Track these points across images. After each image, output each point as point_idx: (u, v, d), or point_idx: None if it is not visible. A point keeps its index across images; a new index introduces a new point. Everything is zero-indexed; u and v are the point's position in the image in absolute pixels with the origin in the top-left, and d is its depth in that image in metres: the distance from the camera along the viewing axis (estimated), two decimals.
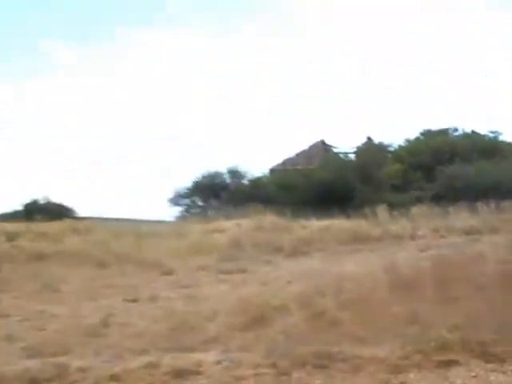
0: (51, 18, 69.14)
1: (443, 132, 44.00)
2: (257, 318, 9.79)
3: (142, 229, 26.30)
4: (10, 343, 9.04)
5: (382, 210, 24.14)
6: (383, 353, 7.79)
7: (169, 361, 7.80)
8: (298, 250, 19.93)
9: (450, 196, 30.16)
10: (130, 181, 55.05)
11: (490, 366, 7.36)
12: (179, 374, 7.47)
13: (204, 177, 43.56)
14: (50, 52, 73.62)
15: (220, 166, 44.08)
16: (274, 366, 7.65)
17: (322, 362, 7.70)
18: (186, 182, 44.34)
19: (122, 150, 64.30)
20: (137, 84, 67.30)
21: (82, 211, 41.91)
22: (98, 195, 50.38)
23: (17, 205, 42.50)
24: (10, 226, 26.61)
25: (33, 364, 7.71)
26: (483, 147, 39.47)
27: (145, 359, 7.87)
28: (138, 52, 70.67)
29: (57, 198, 44.29)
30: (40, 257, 20.61)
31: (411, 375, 7.26)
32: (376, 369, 7.45)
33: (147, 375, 7.44)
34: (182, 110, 65.11)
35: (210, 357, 8.05)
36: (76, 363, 7.74)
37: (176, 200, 44.39)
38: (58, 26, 69.86)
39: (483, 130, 43.66)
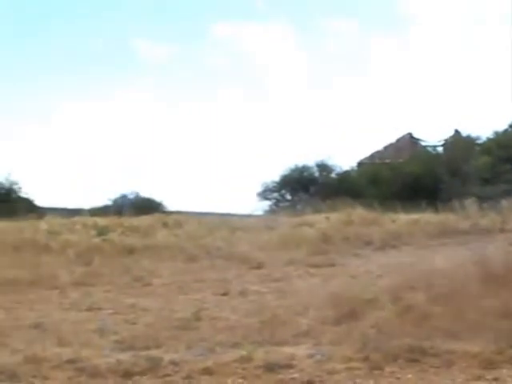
0: (141, 17, 70.35)
1: None
2: (348, 312, 9.78)
3: (232, 223, 26.49)
4: (102, 336, 9.21)
5: (470, 204, 23.80)
6: (476, 348, 7.69)
7: (261, 354, 7.84)
8: (387, 243, 19.78)
9: None
10: (218, 174, 55.38)
11: None
12: (271, 367, 7.49)
13: (292, 170, 43.64)
14: (140, 51, 74.72)
15: (308, 159, 44.01)
16: (366, 359, 7.63)
17: (414, 357, 7.65)
18: (274, 175, 44.48)
19: (210, 143, 64.68)
20: (226, 78, 67.48)
21: (171, 205, 42.50)
22: (186, 189, 50.88)
23: (106, 199, 43.36)
24: (101, 221, 27.18)
25: (125, 357, 7.85)
26: None
27: (237, 353, 7.93)
28: (227, 48, 71.06)
29: (146, 193, 44.99)
30: (130, 251, 20.97)
31: (504, 371, 7.16)
32: (469, 364, 7.38)
33: (240, 369, 7.50)
34: (270, 104, 65.02)
35: (301, 350, 8.07)
36: (168, 357, 7.85)
37: (265, 194, 44.62)
38: (147, 24, 70.91)
39: None
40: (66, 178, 61.29)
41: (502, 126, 43.75)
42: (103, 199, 43.13)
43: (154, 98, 66.29)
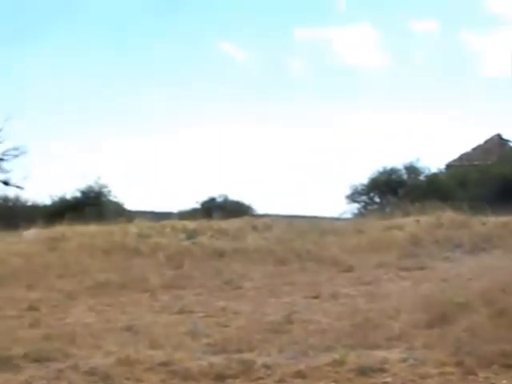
0: (226, 21, 71.17)
1: None
2: (439, 316, 9.72)
3: (321, 225, 26.45)
4: (194, 339, 9.31)
5: None
6: None
7: (353, 358, 7.81)
8: (477, 246, 19.41)
9: None
10: (306, 177, 55.38)
11: None
12: (364, 371, 7.46)
13: (381, 173, 43.46)
14: (227, 54, 75.60)
15: (396, 162, 43.76)
16: (459, 364, 7.54)
17: (509, 362, 7.53)
18: (362, 178, 44.39)
19: (298, 145, 64.80)
20: (306, 79, 67.48)
21: (259, 208, 42.67)
22: (274, 192, 51.01)
23: (194, 203, 43.81)
24: (190, 224, 27.47)
25: (218, 360, 7.92)
26: None
27: (329, 356, 7.92)
28: (310, 52, 71.13)
29: (234, 195, 45.30)
30: (220, 254, 21.12)
31: None
32: None
33: (332, 372, 7.48)
34: (356, 106, 64.64)
35: (394, 354, 8.01)
36: (261, 360, 7.89)
37: (353, 196, 44.57)
38: (232, 29, 71.65)
39: None
40: (154, 182, 62.10)
41: None
42: (191, 202, 43.59)
43: (240, 101, 66.67)
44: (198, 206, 43.43)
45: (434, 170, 44.14)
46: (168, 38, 72.23)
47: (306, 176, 52.17)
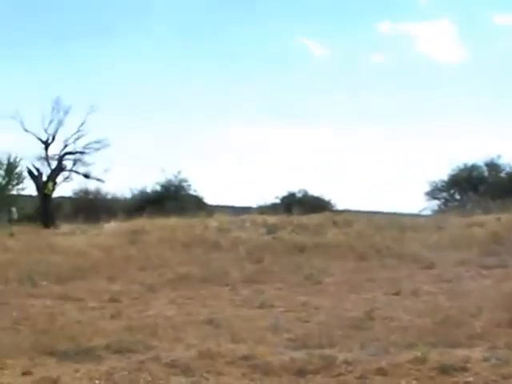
0: (307, 16, 71.14)
1: None
2: None
3: (401, 222, 26.26)
4: (275, 334, 9.30)
5: None
6: None
7: (435, 356, 7.68)
8: None
9: None
10: (385, 173, 54.93)
11: None
12: (446, 369, 7.32)
13: (461, 170, 42.90)
14: (305, 49, 75.56)
15: (477, 158, 43.05)
16: None
17: None
18: (442, 174, 43.90)
19: (378, 140, 64.25)
20: (386, 74, 66.91)
21: (339, 204, 42.57)
22: (354, 187, 50.77)
23: (274, 198, 43.89)
24: (270, 219, 27.53)
25: (299, 355, 7.88)
26: None
27: (411, 354, 7.80)
28: (391, 47, 70.38)
29: (314, 191, 45.25)
30: (301, 249, 21.12)
31: None
32: None
33: (414, 370, 7.37)
34: (436, 101, 63.71)
35: (476, 353, 7.85)
36: (342, 356, 7.81)
37: (433, 193, 44.12)
38: (312, 24, 71.58)
39: None
40: (233, 176, 62.42)
41: None
42: (271, 197, 43.68)
43: (318, 96, 66.53)
44: (277, 200, 43.51)
45: None
46: (245, 33, 72.48)
47: (386, 172, 51.69)
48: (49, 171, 41.01)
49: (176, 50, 74.69)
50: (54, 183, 40.61)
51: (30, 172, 41.22)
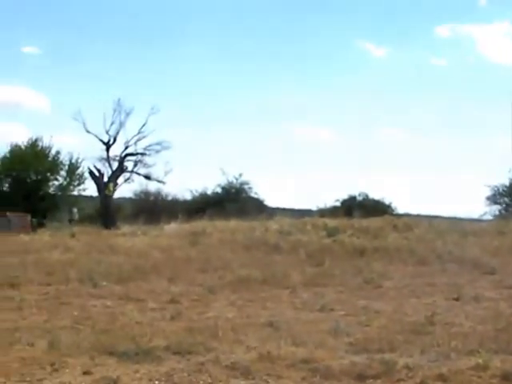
0: (365, 18, 71.15)
1: None
2: None
3: (461, 226, 26.06)
4: (335, 338, 9.27)
5: None
6: None
7: (497, 363, 7.59)
8: None
9: None
10: (446, 178, 54.37)
11: None
12: (507, 377, 7.24)
13: None
14: (363, 52, 75.50)
15: None
16: None
17: None
18: (504, 179, 43.47)
19: (437, 144, 63.70)
20: (446, 76, 66.35)
21: (399, 207, 42.35)
22: (414, 192, 50.47)
23: (335, 201, 43.85)
24: (330, 222, 27.52)
25: (359, 359, 7.84)
26: None
27: (472, 360, 7.72)
28: (451, 48, 69.70)
29: (374, 195, 45.12)
30: (361, 252, 21.07)
31: None
32: None
33: (475, 377, 7.28)
34: (496, 105, 62.82)
35: None
36: (402, 361, 7.75)
37: (494, 198, 43.70)
38: (370, 26, 71.48)
39: None
40: (294, 179, 62.50)
41: None
42: (331, 200, 43.66)
43: (376, 98, 66.27)
44: (337, 203, 43.48)
45: None
46: (306, 36, 72.59)
47: (447, 177, 51.14)
48: (110, 172, 41.59)
49: (238, 52, 75.15)
50: (115, 184, 41.16)
51: (91, 173, 41.82)
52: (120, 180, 42.39)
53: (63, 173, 44.56)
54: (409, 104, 65.53)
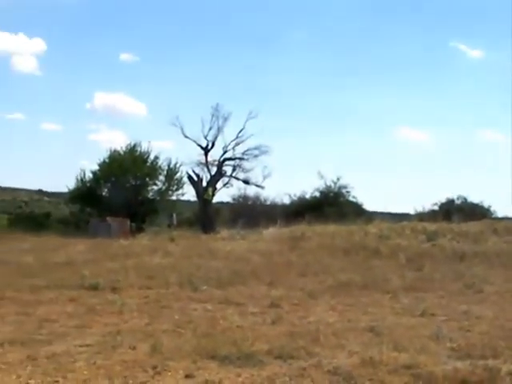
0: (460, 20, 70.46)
1: None
2: None
3: None
4: (437, 343, 9.19)
5: None
6: None
7: None
8: None
9: None
10: None
11: None
12: None
13: None
14: (459, 52, 74.68)
15: None
16: None
17: None
18: None
19: None
20: None
21: (499, 211, 41.61)
22: None
23: (433, 204, 43.39)
24: (429, 226, 27.25)
25: (462, 365, 7.76)
26: None
27: None
28: None
29: (473, 198, 44.44)
30: (461, 256, 20.83)
31: None
32: None
33: None
34: None
35: None
36: (506, 367, 7.65)
37: None
38: (465, 28, 70.69)
39: None
40: (392, 182, 62.04)
41: None
42: (429, 204, 43.22)
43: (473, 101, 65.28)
44: (436, 207, 42.99)
45: None
46: (398, 38, 72.12)
47: None
48: (208, 177, 42.09)
49: (336, 55, 75.20)
50: (214, 189, 41.60)
51: (189, 178, 42.42)
52: (219, 185, 42.88)
53: (162, 178, 45.32)
54: (507, 105, 64.13)
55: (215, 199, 43.78)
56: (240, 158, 42.95)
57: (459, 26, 73.75)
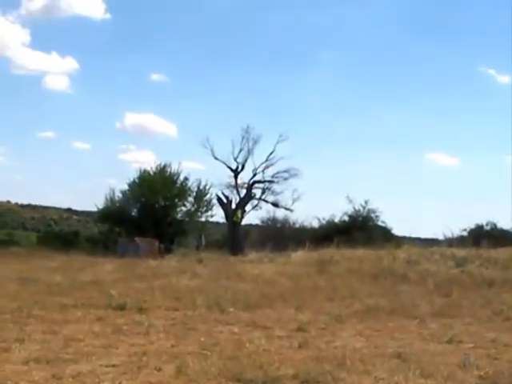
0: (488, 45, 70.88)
1: None
2: None
3: None
4: (464, 371, 9.09)
5: None
6: None
7: None
8: None
9: None
10: None
11: None
12: None
13: None
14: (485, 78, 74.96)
15: None
16: None
17: None
18: None
19: None
20: None
21: None
22: None
23: (462, 230, 43.17)
24: (459, 252, 27.07)
25: None
26: None
27: None
28: None
29: (503, 223, 44.17)
30: (489, 283, 20.66)
31: None
32: None
33: None
34: None
35: None
36: None
37: None
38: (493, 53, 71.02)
39: None
40: (420, 208, 61.82)
41: None
42: (458, 229, 43.01)
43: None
44: (465, 233, 42.77)
45: None
46: (426, 61, 72.39)
47: None
48: (237, 199, 42.17)
49: (364, 77, 75.37)
50: (243, 211, 41.67)
51: (219, 199, 42.54)
52: (248, 207, 42.97)
53: (191, 199, 45.47)
54: None
55: (244, 221, 43.88)
56: (269, 181, 43.09)
57: (487, 50, 73.87)
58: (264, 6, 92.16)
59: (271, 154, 42.79)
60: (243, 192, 42.67)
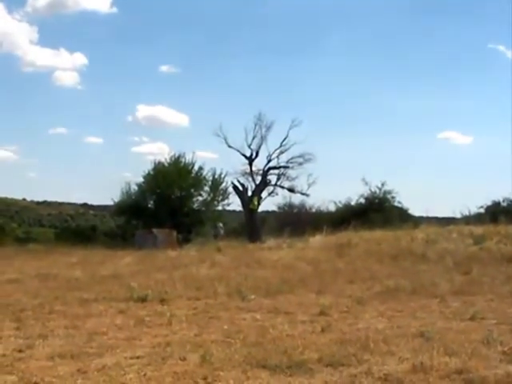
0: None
1: None
2: None
3: None
4: (488, 347, 9.08)
5: None
6: None
7: None
8: None
9: None
10: None
11: None
12: None
13: None
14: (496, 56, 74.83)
15: None
16: None
17: None
18: None
19: None
20: None
21: None
22: None
23: (478, 208, 42.97)
24: (476, 229, 26.99)
25: None
26: None
27: None
28: None
29: None
30: (508, 259, 20.59)
31: None
32: None
33: None
34: None
35: None
36: None
37: None
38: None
39: None
40: (436, 187, 61.63)
41: None
42: (474, 207, 42.79)
43: None
44: (482, 210, 42.54)
45: None
46: (436, 40, 72.00)
47: None
48: (253, 186, 42.10)
49: (378, 60, 75.15)
50: (259, 198, 41.60)
51: (235, 187, 42.48)
52: (264, 194, 42.89)
53: (207, 188, 45.43)
54: None
55: (261, 208, 43.82)
56: (284, 167, 42.97)
57: (497, 28, 73.63)
58: None
59: (285, 139, 42.68)
60: (258, 179, 42.60)
